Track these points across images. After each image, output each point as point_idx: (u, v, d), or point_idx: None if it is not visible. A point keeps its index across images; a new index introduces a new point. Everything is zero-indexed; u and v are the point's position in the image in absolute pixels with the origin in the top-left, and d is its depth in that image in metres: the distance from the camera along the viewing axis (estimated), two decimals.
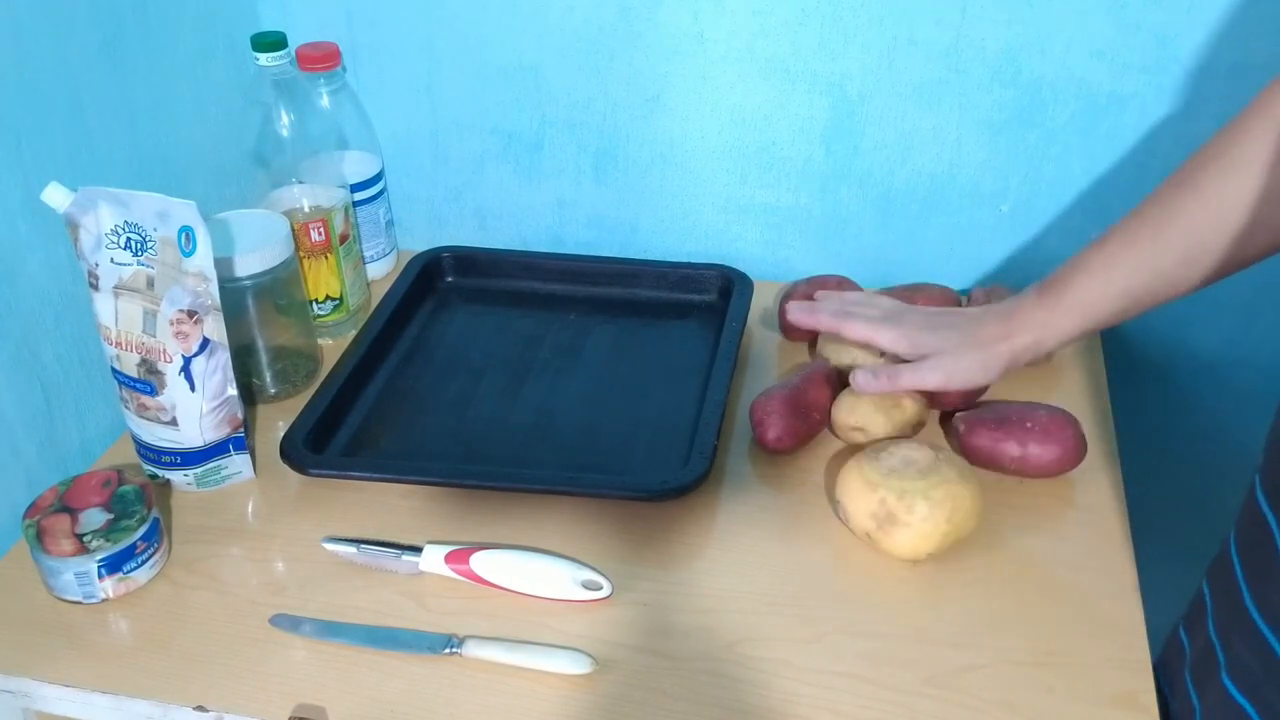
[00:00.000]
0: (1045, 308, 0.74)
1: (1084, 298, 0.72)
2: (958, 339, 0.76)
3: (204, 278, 0.74)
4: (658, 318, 1.00)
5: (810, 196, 1.02)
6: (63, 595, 0.72)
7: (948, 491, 0.71)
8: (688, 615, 0.71)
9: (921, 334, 0.77)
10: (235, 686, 0.67)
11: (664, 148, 1.02)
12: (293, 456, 0.80)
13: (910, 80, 0.94)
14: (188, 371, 0.76)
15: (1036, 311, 0.74)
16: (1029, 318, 0.75)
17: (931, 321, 0.78)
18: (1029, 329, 0.74)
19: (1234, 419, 1.06)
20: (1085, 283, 0.72)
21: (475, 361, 0.94)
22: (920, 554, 0.72)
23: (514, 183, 1.08)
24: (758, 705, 0.65)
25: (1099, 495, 0.79)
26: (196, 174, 0.95)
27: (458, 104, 1.04)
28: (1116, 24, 0.88)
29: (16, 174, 0.76)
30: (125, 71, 0.85)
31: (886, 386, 0.78)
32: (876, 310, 0.81)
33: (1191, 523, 1.13)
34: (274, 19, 1.01)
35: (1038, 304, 0.74)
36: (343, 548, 0.75)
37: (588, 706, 0.65)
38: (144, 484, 0.74)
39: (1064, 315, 0.73)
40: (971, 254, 1.01)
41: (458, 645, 0.68)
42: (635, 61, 0.98)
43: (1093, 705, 0.64)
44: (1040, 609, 0.71)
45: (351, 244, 0.98)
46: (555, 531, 0.77)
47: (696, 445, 0.80)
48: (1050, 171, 0.96)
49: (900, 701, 0.65)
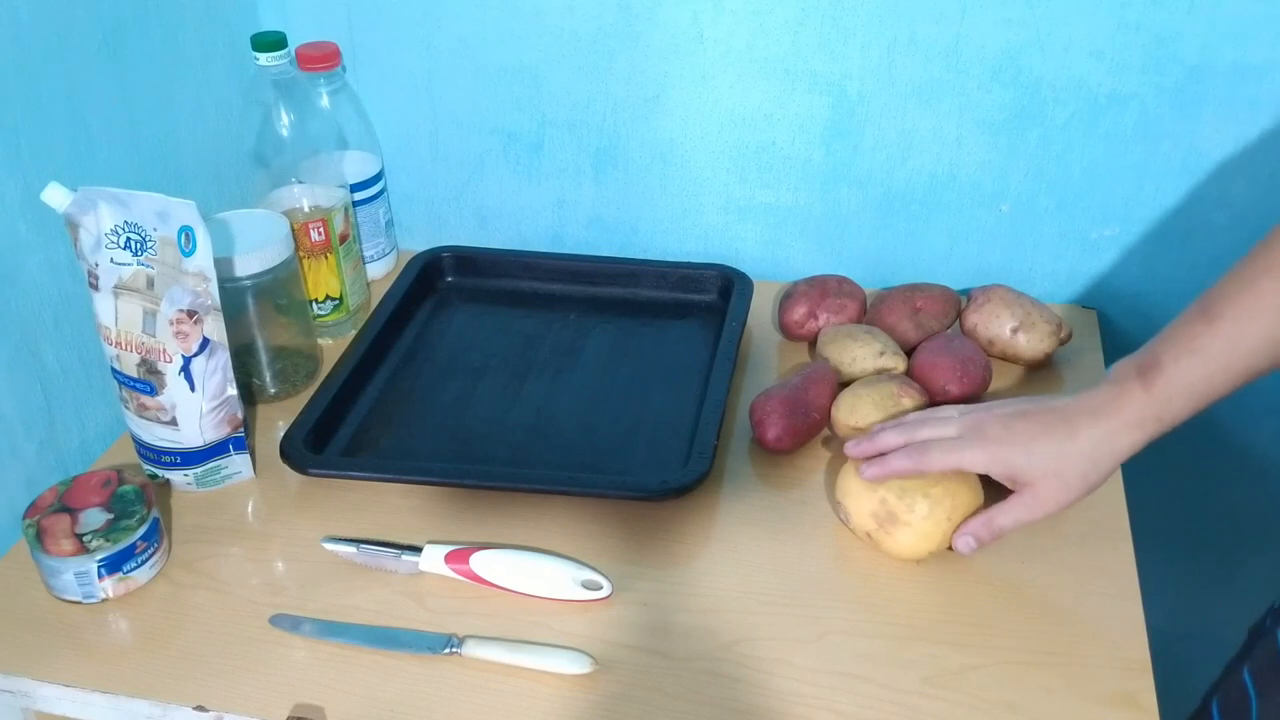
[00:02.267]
0: (1155, 401, 0.64)
1: (1203, 386, 0.63)
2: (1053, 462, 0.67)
3: (204, 278, 0.74)
4: (657, 318, 1.00)
5: (810, 196, 1.02)
6: (63, 595, 0.72)
7: (947, 489, 0.71)
8: (688, 615, 0.71)
9: (1013, 453, 0.68)
10: (235, 686, 0.67)
11: (664, 148, 1.02)
12: (293, 456, 0.80)
13: (910, 80, 0.94)
14: (188, 371, 0.76)
15: (1145, 407, 0.65)
16: (1136, 413, 0.65)
17: (1019, 434, 0.68)
18: (1140, 427, 0.65)
19: (1234, 419, 1.06)
20: (1203, 369, 0.63)
21: (475, 361, 0.94)
22: (921, 553, 0.72)
23: (514, 183, 1.08)
24: (758, 705, 0.65)
25: (1099, 495, 0.78)
26: (196, 174, 0.95)
27: (458, 104, 1.04)
28: (1116, 24, 0.88)
29: (16, 174, 0.76)
30: (125, 71, 0.85)
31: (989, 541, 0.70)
32: (949, 428, 0.71)
33: (1191, 523, 1.13)
34: (274, 19, 1.01)
35: (1145, 398, 0.64)
36: (342, 548, 0.75)
37: (588, 706, 0.65)
38: (144, 484, 0.74)
39: (1179, 404, 0.64)
40: (971, 254, 1.01)
41: (457, 645, 0.68)
42: (635, 61, 0.98)
43: (1093, 705, 0.64)
44: (1040, 609, 0.71)
45: (351, 244, 0.98)
46: (555, 531, 0.77)
47: (696, 445, 0.80)
48: (1050, 171, 0.96)
49: (900, 701, 0.65)
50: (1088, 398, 0.67)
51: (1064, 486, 0.67)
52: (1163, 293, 0.99)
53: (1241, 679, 0.75)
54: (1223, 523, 1.13)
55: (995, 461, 0.68)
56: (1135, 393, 0.65)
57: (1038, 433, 0.67)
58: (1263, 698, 0.72)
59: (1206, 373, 0.63)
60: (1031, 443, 0.67)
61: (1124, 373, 0.66)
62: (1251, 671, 0.75)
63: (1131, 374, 0.65)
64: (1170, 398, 0.64)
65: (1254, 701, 0.73)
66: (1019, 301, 0.90)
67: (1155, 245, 0.97)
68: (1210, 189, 0.93)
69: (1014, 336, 0.89)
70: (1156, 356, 0.64)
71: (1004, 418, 0.69)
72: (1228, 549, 1.15)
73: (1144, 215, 0.96)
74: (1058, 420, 0.67)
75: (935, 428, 0.71)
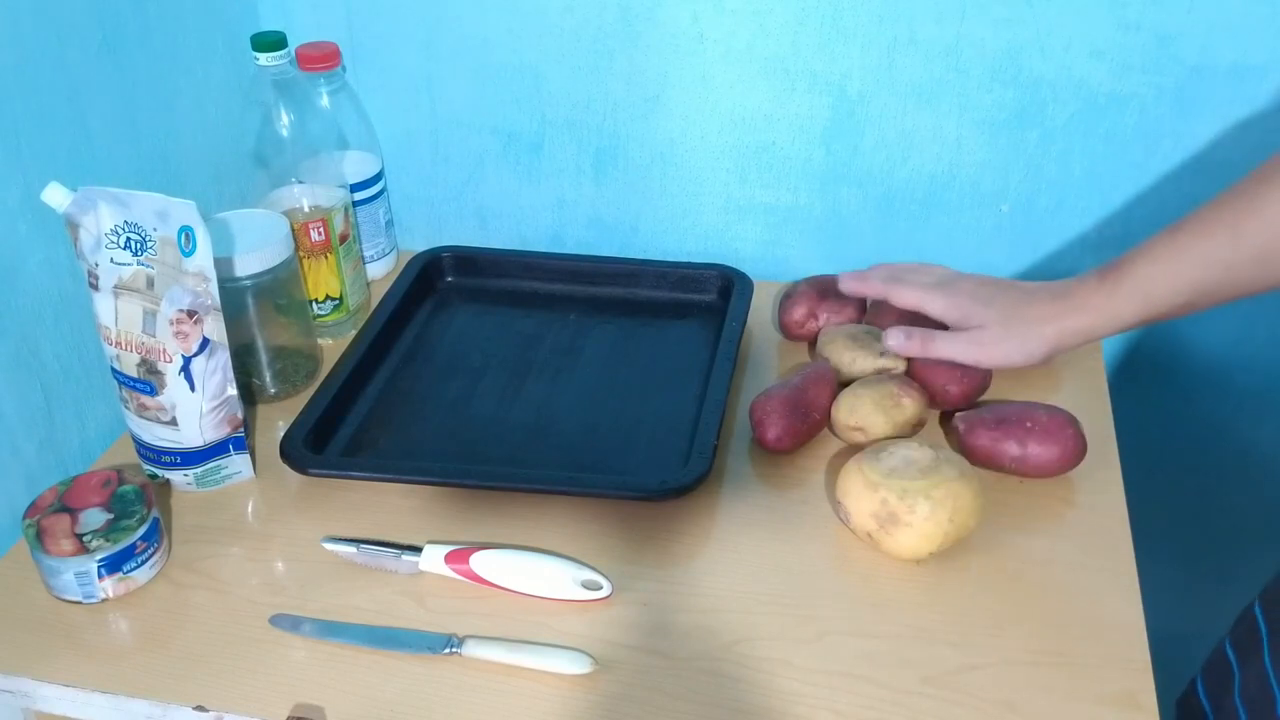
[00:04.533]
0: (1105, 292, 0.70)
1: (1149, 286, 0.68)
2: (1004, 314, 0.74)
3: (204, 277, 0.74)
4: (657, 318, 1.00)
5: (810, 196, 1.02)
6: (62, 595, 0.72)
7: (949, 490, 0.71)
8: (688, 615, 0.71)
9: (972, 304, 0.75)
10: (235, 686, 0.67)
11: (664, 148, 1.02)
12: (293, 456, 0.80)
13: (910, 80, 0.94)
14: (188, 371, 0.76)
15: (1095, 295, 0.71)
16: (1086, 300, 0.71)
17: (983, 292, 0.76)
18: (1084, 312, 0.71)
19: (1234, 420, 1.06)
20: (1151, 270, 0.68)
21: (475, 361, 0.94)
22: (922, 553, 0.72)
23: (514, 183, 1.08)
24: (758, 705, 0.65)
25: (1099, 495, 0.79)
26: (196, 174, 0.95)
27: (458, 104, 1.04)
28: (1116, 24, 0.88)
29: (16, 174, 0.76)
30: (125, 71, 0.85)
31: (917, 350, 0.77)
32: (929, 277, 0.79)
33: (1191, 523, 1.14)
34: (274, 19, 1.01)
35: (1098, 287, 0.71)
36: (342, 548, 0.75)
37: (588, 706, 0.65)
38: (144, 484, 0.74)
39: (1124, 301, 0.69)
40: (971, 254, 1.01)
41: (457, 645, 0.68)
42: (635, 62, 0.98)
43: (1093, 705, 0.64)
44: (1040, 609, 0.71)
45: (351, 244, 0.98)
46: (555, 531, 0.77)
47: (696, 445, 0.80)
48: (1050, 171, 0.96)
49: (900, 701, 0.65)
50: (1054, 285, 0.74)
51: (1004, 338, 0.73)
52: None
53: (1223, 650, 0.76)
54: (1223, 523, 1.13)
55: (953, 307, 0.76)
56: (1090, 282, 0.71)
57: (998, 294, 0.76)
58: (1244, 666, 0.73)
59: (1152, 274, 0.68)
60: (990, 298, 0.75)
61: (1087, 271, 0.73)
62: (1232, 642, 0.75)
63: (1093, 271, 0.72)
64: (1116, 292, 0.69)
65: (1235, 670, 0.73)
66: None
67: None
68: (1210, 189, 0.92)
69: None
70: (1120, 257, 0.70)
71: (976, 280, 0.78)
72: (1228, 549, 1.15)
73: (1144, 215, 0.96)
74: (1020, 291, 0.75)
75: (918, 274, 0.81)
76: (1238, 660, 0.75)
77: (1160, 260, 0.68)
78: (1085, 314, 0.71)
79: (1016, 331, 0.73)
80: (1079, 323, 0.71)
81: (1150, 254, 0.69)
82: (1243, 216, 0.65)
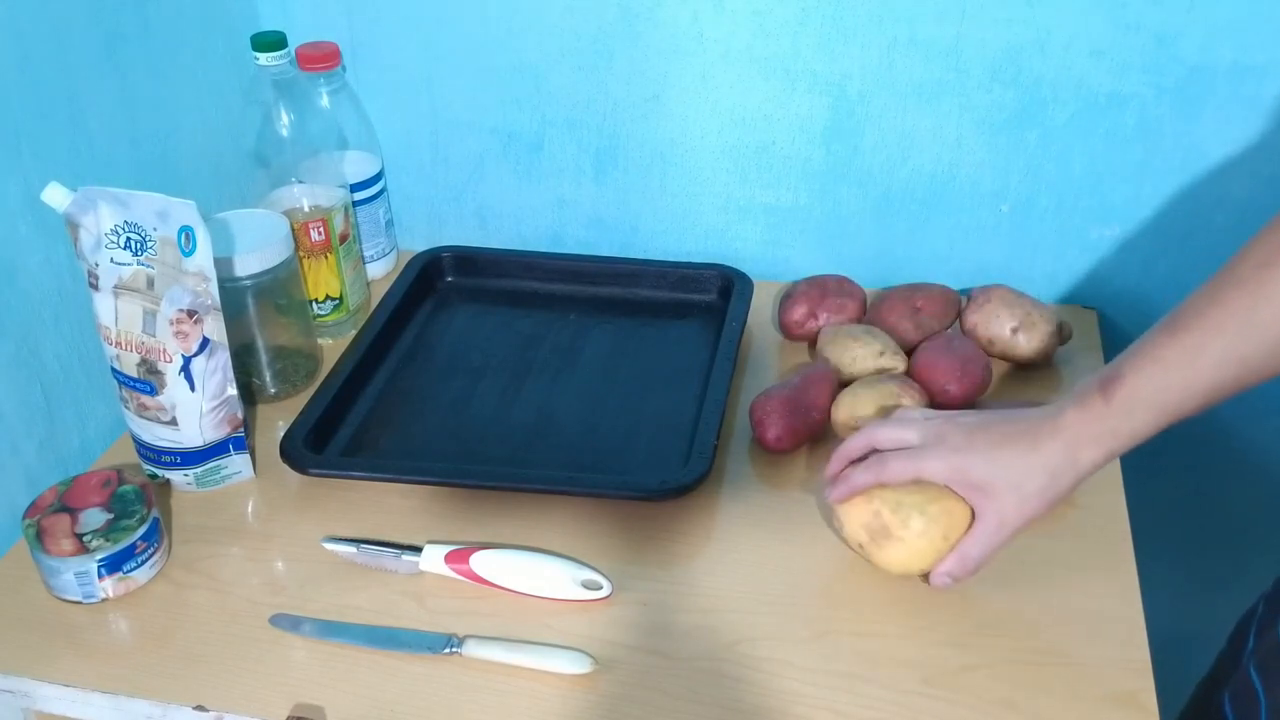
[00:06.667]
0: (1116, 414, 0.63)
1: (1164, 398, 0.62)
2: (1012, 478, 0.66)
3: (204, 277, 0.74)
4: (657, 318, 1.00)
5: (810, 196, 1.02)
6: (63, 595, 0.72)
7: (944, 507, 0.68)
8: (688, 615, 0.71)
9: (971, 461, 0.67)
10: (235, 686, 0.67)
11: (664, 148, 1.02)
12: (293, 456, 0.80)
13: (910, 80, 0.94)
14: (188, 371, 0.76)
15: (1105, 420, 0.63)
16: (1097, 426, 0.63)
17: (976, 440, 0.67)
18: (1100, 441, 0.64)
19: (1234, 420, 1.06)
20: (1164, 379, 0.61)
21: (475, 361, 0.94)
22: (913, 571, 0.70)
23: (514, 183, 1.08)
24: (758, 705, 0.65)
25: (1099, 495, 0.79)
26: (196, 174, 0.95)
27: (458, 104, 1.04)
28: (1116, 24, 0.88)
29: (16, 174, 0.76)
30: (125, 71, 0.85)
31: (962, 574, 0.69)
32: (912, 433, 0.70)
33: (1191, 523, 1.13)
34: (274, 19, 1.01)
35: (1106, 410, 0.63)
36: (342, 547, 0.75)
37: (588, 706, 0.65)
38: (144, 484, 0.74)
39: (1141, 417, 0.62)
40: (971, 254, 1.01)
41: (457, 645, 0.68)
42: (635, 61, 0.98)
43: (1093, 705, 0.64)
44: (1040, 609, 0.71)
45: (351, 244, 0.98)
46: (555, 531, 0.77)
47: (696, 445, 0.80)
48: (1050, 171, 0.96)
49: (900, 701, 0.65)
50: (1051, 411, 0.66)
51: (1023, 500, 0.65)
52: (1163, 293, 0.99)
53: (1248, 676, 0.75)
54: (1223, 523, 1.13)
55: (955, 471, 0.67)
56: (1096, 406, 0.63)
57: (1000, 443, 0.66)
58: (1270, 693, 0.73)
59: (1167, 384, 0.61)
60: (993, 452, 0.66)
61: (1087, 387, 0.64)
62: (1257, 667, 0.75)
63: (1094, 388, 0.64)
64: (1131, 410, 0.62)
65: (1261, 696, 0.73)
66: (1019, 301, 0.90)
67: (1155, 245, 0.97)
68: (1210, 189, 0.93)
69: (1014, 336, 0.89)
70: (1119, 369, 0.63)
71: (967, 427, 0.68)
72: (1228, 549, 1.14)
73: (1144, 215, 0.96)
74: (1020, 433, 0.66)
75: (897, 429, 0.70)
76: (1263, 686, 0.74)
77: (1172, 366, 0.61)
78: (1101, 443, 0.64)
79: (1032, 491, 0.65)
80: (1096, 455, 0.64)
81: (1158, 360, 0.62)
82: (1251, 308, 0.59)
